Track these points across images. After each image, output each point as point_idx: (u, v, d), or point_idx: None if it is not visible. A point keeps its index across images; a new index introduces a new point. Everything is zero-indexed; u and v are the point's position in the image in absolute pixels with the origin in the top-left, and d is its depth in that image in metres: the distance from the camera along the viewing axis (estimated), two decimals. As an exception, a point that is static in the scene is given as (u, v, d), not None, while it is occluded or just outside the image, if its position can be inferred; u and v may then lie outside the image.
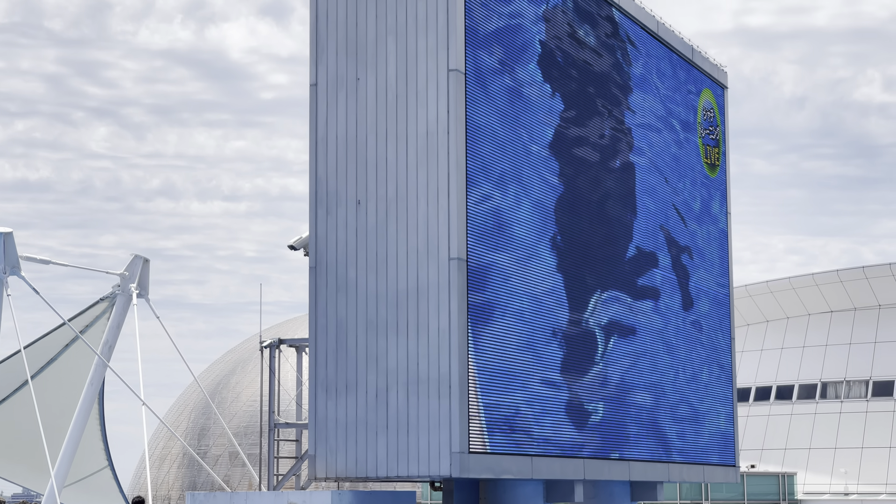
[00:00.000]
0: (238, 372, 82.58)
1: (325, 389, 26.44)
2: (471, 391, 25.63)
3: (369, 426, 26.00)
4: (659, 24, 35.38)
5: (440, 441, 25.32)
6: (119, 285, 33.06)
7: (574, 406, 29.36)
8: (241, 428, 76.15)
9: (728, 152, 39.60)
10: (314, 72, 27.21)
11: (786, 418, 73.91)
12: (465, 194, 25.95)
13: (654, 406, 33.36)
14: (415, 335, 25.77)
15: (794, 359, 75.56)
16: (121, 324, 33.04)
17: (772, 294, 76.67)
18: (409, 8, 26.48)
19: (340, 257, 26.64)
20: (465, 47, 26.28)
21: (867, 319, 73.92)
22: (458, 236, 25.66)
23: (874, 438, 70.50)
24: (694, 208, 37.03)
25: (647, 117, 34.33)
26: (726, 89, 40.03)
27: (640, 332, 32.98)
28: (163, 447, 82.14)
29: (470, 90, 26.41)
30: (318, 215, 26.92)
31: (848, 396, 72.20)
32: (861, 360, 72.82)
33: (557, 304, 29.02)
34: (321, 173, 26.96)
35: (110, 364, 33.10)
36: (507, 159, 27.59)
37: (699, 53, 38.13)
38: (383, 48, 26.66)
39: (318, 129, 27.10)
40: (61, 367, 35.74)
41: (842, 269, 74.62)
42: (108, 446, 38.24)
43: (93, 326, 34.11)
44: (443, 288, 25.61)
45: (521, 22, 28.51)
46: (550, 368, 28.50)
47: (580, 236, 30.43)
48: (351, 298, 26.46)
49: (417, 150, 26.15)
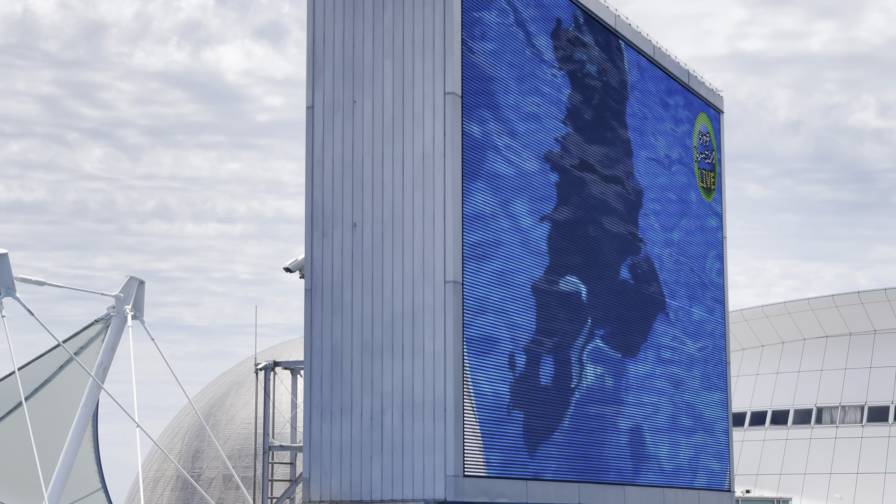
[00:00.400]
0: (233, 394, 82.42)
1: (320, 412, 26.37)
2: (466, 414, 25.56)
3: (364, 449, 25.93)
4: (655, 49, 35.44)
5: (435, 464, 25.24)
6: (114, 307, 32.98)
7: (569, 431, 29.29)
8: (236, 450, 75.91)
9: (724, 176, 39.62)
10: (311, 94, 27.23)
11: (781, 443, 73.76)
12: (461, 217, 25.93)
13: (650, 431, 33.29)
14: (410, 358, 25.71)
15: (789, 384, 75.47)
16: (115, 345, 32.94)
17: (767, 319, 76.59)
18: (405, 32, 26.52)
19: (336, 280, 26.60)
20: (461, 71, 26.31)
21: (862, 344, 73.83)
22: (454, 259, 25.63)
23: (869, 464, 70.36)
24: (689, 232, 37.03)
25: (647, 143, 34.34)
26: (722, 114, 40.07)
27: (636, 358, 32.94)
28: (157, 469, 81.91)
29: (466, 113, 26.42)
30: (314, 238, 26.90)
31: (843, 422, 72.10)
32: (856, 385, 72.70)
33: (553, 328, 28.96)
34: (317, 196, 26.95)
35: (105, 386, 33.01)
36: (504, 185, 27.58)
37: (695, 78, 38.19)
38: (380, 71, 26.68)
39: (314, 151, 27.10)
40: (55, 388, 35.62)
41: (837, 293, 74.61)
42: (101, 468, 38.09)
43: (87, 348, 34.00)
44: (438, 311, 25.57)
45: (520, 46, 28.55)
46: (546, 393, 28.43)
47: (575, 261, 30.40)
48: (346, 321, 26.42)
49: (414, 173, 26.14)
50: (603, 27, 32.43)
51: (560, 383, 29.04)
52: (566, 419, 29.16)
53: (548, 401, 28.48)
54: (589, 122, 31.47)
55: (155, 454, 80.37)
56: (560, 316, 29.36)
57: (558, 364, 29.02)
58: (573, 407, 29.55)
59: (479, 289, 26.34)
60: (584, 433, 29.93)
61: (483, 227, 26.70)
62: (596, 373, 30.74)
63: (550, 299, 28.98)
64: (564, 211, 29.93)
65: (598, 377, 30.81)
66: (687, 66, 37.63)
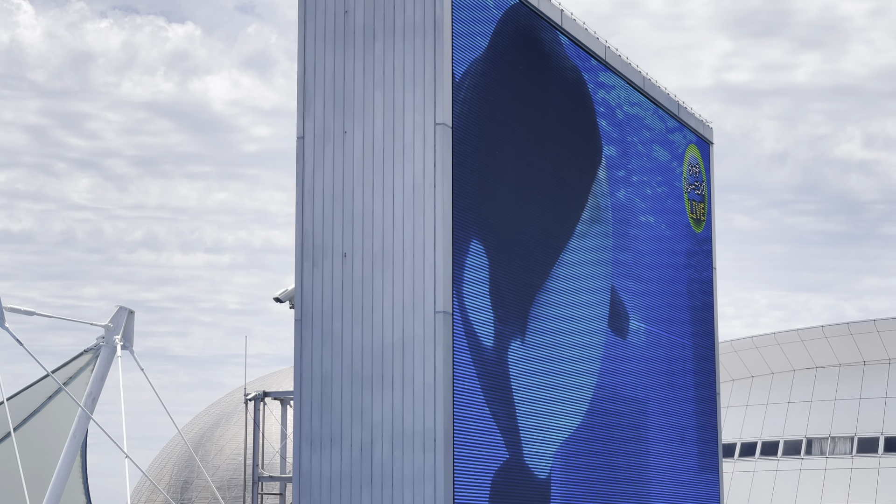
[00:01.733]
0: (222, 424, 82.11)
1: (310, 442, 26.31)
2: (456, 445, 25.52)
3: (354, 480, 25.86)
4: (645, 80, 35.56)
5: (425, 495, 25.18)
6: (103, 337, 32.92)
7: (559, 461, 29.26)
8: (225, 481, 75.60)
9: (714, 208, 39.70)
10: (301, 124, 27.27)
11: (771, 474, 73.70)
12: (452, 248, 25.95)
13: (640, 462, 33.25)
14: (400, 388, 25.68)
15: (779, 415, 75.45)
16: (105, 376, 32.87)
17: (757, 350, 76.63)
18: (396, 62, 26.58)
19: (326, 310, 26.58)
20: (451, 101, 26.37)
21: (852, 376, 73.89)
22: (444, 290, 25.64)
23: (859, 495, 70.30)
24: (679, 263, 37.09)
25: (636, 173, 34.42)
26: (712, 145, 40.17)
27: (626, 388, 32.93)
28: (146, 500, 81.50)
29: (457, 144, 26.47)
30: (304, 268, 26.89)
31: (833, 453, 72.07)
32: (846, 416, 72.73)
33: (544, 357, 28.96)
34: (307, 226, 26.95)
35: (94, 416, 32.91)
36: (495, 213, 27.62)
37: (685, 109, 38.31)
38: (370, 101, 26.73)
39: (304, 181, 27.11)
40: (44, 419, 35.52)
41: (826, 325, 74.71)
42: (90, 499, 37.95)
43: (76, 378, 33.93)
44: (428, 341, 25.55)
45: (510, 76, 28.64)
46: (536, 423, 28.41)
47: (565, 290, 30.43)
48: (336, 351, 26.38)
49: (404, 204, 26.16)
50: (589, 54, 32.53)
51: (550, 414, 29.01)
52: (556, 450, 29.12)
53: (538, 431, 28.44)
54: (579, 152, 31.53)
55: (144, 485, 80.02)
56: (553, 344, 29.36)
57: (549, 393, 29.00)
58: (563, 439, 29.51)
59: (470, 319, 26.33)
60: (574, 464, 29.88)
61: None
62: (587, 404, 30.71)
63: (544, 328, 28.97)
64: (556, 242, 29.96)
65: (588, 409, 30.78)
66: (676, 97, 37.75)
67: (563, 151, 30.93)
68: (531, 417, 28.24)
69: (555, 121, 30.63)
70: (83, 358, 33.69)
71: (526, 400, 28.10)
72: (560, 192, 30.59)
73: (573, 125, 31.60)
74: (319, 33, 27.30)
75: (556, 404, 29.38)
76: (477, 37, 27.47)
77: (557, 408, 29.45)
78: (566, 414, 29.82)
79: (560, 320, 29.93)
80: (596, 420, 31.16)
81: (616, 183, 33.42)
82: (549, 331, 29.36)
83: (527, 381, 28.19)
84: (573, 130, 31.58)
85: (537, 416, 28.50)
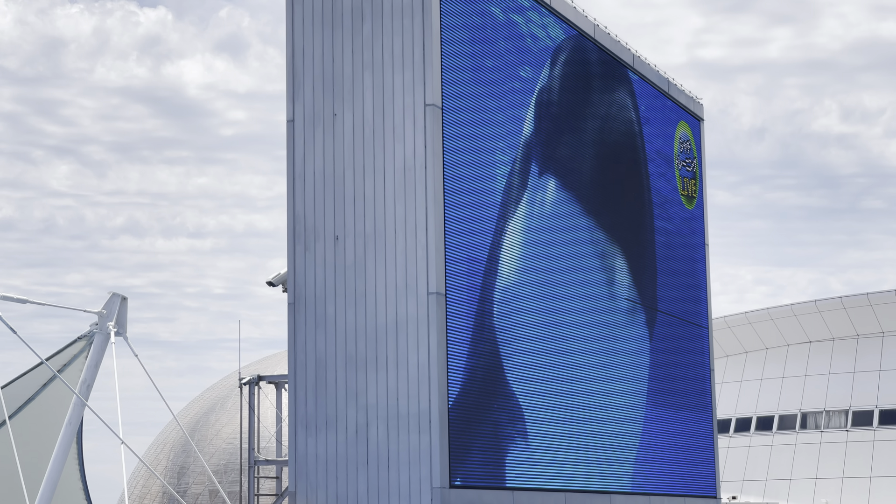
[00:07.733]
0: (217, 409, 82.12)
1: (305, 426, 26.32)
2: (451, 425, 25.54)
3: (350, 462, 25.89)
4: (635, 58, 35.51)
5: (421, 476, 25.22)
6: (97, 324, 32.85)
7: (555, 440, 29.29)
8: (221, 466, 75.69)
9: (705, 184, 39.67)
10: (291, 108, 27.21)
11: (766, 449, 73.81)
12: (444, 229, 25.93)
13: (635, 439, 33.30)
14: (394, 370, 25.70)
15: (773, 389, 75.55)
16: (99, 363, 32.80)
17: (750, 325, 76.67)
18: (385, 44, 26.52)
19: (319, 293, 26.57)
20: (441, 83, 26.31)
21: (846, 349, 73.98)
22: (437, 271, 25.63)
23: (854, 468, 70.45)
24: (673, 239, 37.08)
25: (633, 152, 34.42)
26: (702, 121, 40.11)
27: (620, 367, 32.96)
28: (142, 486, 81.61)
29: (447, 125, 26.43)
30: (296, 251, 26.86)
31: (828, 426, 72.18)
32: (840, 390, 72.82)
33: (538, 336, 28.98)
34: (299, 209, 26.92)
35: (89, 403, 32.89)
36: (486, 194, 27.60)
37: (675, 86, 38.25)
38: (360, 84, 26.68)
39: (295, 164, 27.07)
40: (39, 406, 35.47)
41: (820, 299, 74.79)
42: (87, 486, 37.95)
43: (70, 365, 33.87)
44: (422, 322, 25.56)
45: (499, 55, 28.60)
46: (531, 403, 28.43)
47: (560, 269, 30.43)
48: (330, 334, 26.39)
49: (395, 185, 26.14)
50: (583, 36, 32.48)
51: (545, 394, 29.03)
52: (552, 429, 29.15)
53: (533, 412, 28.47)
54: (581, 130, 31.51)
55: (140, 471, 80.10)
56: (546, 324, 29.37)
57: (544, 373, 29.02)
58: (558, 418, 29.55)
59: (463, 300, 26.33)
60: (569, 443, 29.92)
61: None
62: (581, 383, 30.74)
63: (537, 307, 28.98)
64: (549, 219, 29.95)
65: (581, 387, 30.81)
66: (667, 74, 37.69)
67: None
68: (527, 397, 28.27)
69: (542, 98, 30.59)
70: (77, 345, 33.61)
71: (520, 379, 28.12)
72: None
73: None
74: (308, 16, 27.23)
75: (551, 383, 29.42)
76: (465, 17, 27.39)
77: (553, 387, 29.49)
78: (561, 393, 29.85)
79: (553, 299, 29.94)
80: (589, 400, 31.19)
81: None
82: (541, 310, 29.37)
83: (521, 359, 28.20)
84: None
85: (534, 395, 28.53)
